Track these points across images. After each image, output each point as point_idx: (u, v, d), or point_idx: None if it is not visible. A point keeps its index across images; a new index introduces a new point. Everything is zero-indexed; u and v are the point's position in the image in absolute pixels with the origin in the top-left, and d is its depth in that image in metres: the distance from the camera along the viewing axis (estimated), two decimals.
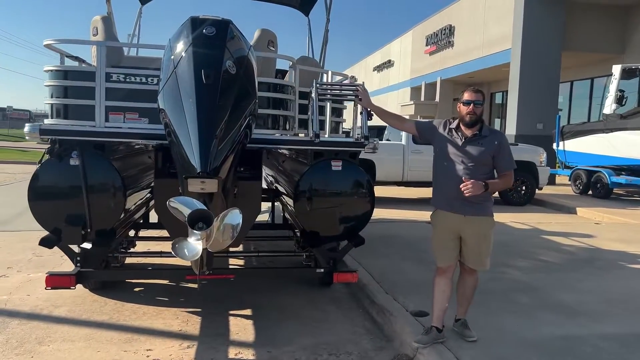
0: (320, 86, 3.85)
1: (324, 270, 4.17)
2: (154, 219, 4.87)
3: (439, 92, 22.41)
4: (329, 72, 4.66)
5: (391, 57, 29.91)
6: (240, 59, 2.81)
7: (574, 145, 13.01)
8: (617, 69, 12.11)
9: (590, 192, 12.40)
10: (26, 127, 3.51)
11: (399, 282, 4.83)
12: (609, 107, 12.11)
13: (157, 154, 3.76)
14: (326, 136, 4.15)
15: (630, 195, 12.97)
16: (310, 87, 3.85)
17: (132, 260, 5.13)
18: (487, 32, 18.51)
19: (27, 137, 3.56)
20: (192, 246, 2.37)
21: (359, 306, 4.50)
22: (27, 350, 3.40)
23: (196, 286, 4.59)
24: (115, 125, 3.60)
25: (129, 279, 4.82)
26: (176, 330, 3.82)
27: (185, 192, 2.57)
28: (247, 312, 4.26)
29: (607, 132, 11.92)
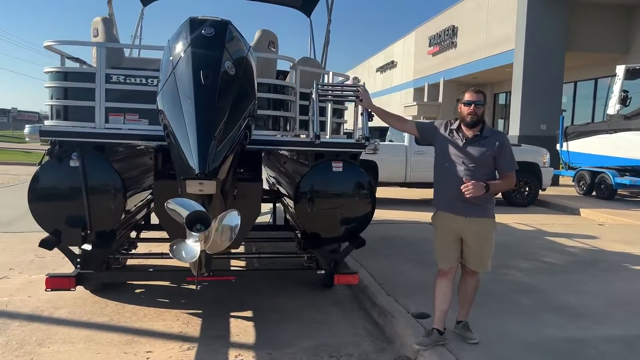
0: (320, 87, 3.84)
1: (325, 271, 4.16)
2: (156, 220, 4.86)
3: (442, 93, 22.34)
4: (330, 73, 4.65)
5: (394, 58, 29.87)
6: (239, 59, 2.80)
7: (577, 146, 12.96)
8: (620, 69, 12.04)
9: (594, 193, 12.34)
10: (26, 129, 3.52)
11: (401, 283, 4.81)
12: (613, 107, 12.04)
13: (157, 155, 3.76)
14: (327, 137, 4.14)
15: (634, 196, 12.90)
16: (311, 88, 3.84)
17: (134, 261, 5.14)
18: (490, 33, 18.46)
19: (27, 138, 3.56)
20: (190, 248, 2.36)
21: (360, 308, 4.48)
22: (27, 352, 3.40)
23: (195, 287, 4.58)
24: (115, 126, 3.60)
25: (129, 281, 4.82)
26: (176, 332, 3.82)
27: (184, 194, 2.56)
28: (248, 313, 4.25)
29: (611, 133, 11.87)
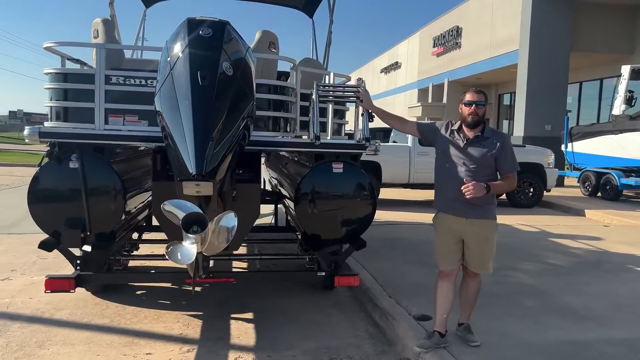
0: (321, 88, 3.81)
1: (326, 273, 4.13)
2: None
3: (446, 93, 22.28)
4: (331, 74, 4.63)
5: (398, 58, 29.84)
6: (237, 60, 2.78)
7: (582, 146, 12.88)
8: (626, 70, 11.97)
9: (599, 194, 12.27)
10: (26, 130, 3.52)
11: (402, 285, 4.78)
12: (618, 108, 11.98)
13: (155, 156, 3.74)
14: (327, 138, 4.12)
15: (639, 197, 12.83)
16: (311, 89, 3.82)
17: (135, 263, 5.13)
18: (494, 33, 18.40)
19: (26, 139, 3.56)
20: (186, 250, 2.34)
21: (361, 310, 4.45)
22: (26, 353, 3.39)
23: (193, 289, 4.55)
24: (115, 127, 3.59)
25: (128, 282, 4.81)
26: (177, 333, 3.80)
27: (181, 195, 2.54)
28: (249, 315, 4.23)
29: (616, 134, 11.79)
